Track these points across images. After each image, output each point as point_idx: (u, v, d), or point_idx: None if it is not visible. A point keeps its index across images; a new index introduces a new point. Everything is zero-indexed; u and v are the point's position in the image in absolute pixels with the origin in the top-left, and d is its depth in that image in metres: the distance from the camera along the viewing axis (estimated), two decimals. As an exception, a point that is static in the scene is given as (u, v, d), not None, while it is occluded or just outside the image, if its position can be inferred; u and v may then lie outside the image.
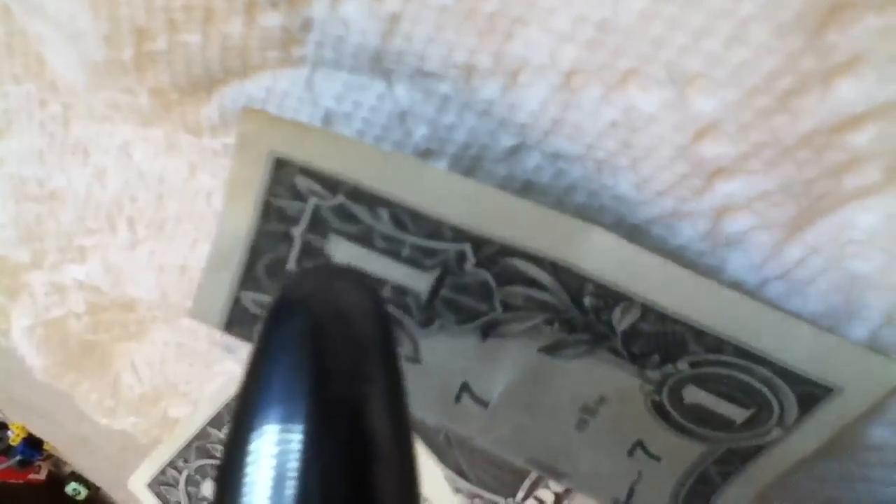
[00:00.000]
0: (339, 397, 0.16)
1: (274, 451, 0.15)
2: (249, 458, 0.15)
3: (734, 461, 0.24)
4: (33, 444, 0.88)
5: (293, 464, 0.15)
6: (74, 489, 0.92)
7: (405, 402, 0.17)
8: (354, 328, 0.18)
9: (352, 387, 0.16)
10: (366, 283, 0.19)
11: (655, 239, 0.22)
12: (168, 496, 0.44)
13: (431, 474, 0.36)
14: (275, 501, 0.15)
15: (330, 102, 0.23)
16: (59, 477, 0.96)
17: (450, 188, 0.21)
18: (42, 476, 0.95)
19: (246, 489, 0.15)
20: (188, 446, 0.43)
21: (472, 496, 0.36)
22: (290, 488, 0.15)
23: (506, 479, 0.35)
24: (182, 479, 0.44)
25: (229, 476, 0.16)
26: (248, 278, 0.25)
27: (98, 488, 0.92)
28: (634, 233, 0.22)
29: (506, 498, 0.35)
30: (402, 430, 0.17)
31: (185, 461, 0.43)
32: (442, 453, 0.35)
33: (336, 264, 0.23)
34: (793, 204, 0.19)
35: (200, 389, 0.44)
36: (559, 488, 0.34)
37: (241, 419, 0.16)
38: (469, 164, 0.23)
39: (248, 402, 0.16)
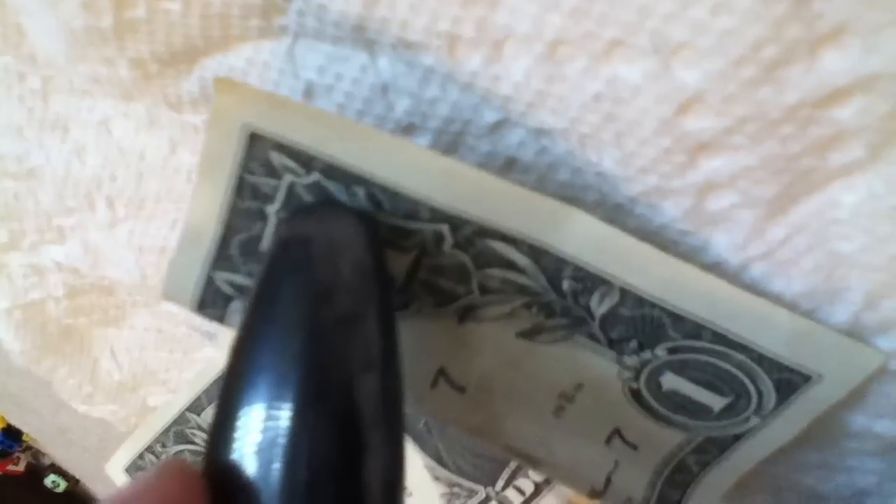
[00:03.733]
0: (330, 374, 0.16)
1: (261, 426, 0.15)
2: (237, 434, 0.15)
3: (712, 450, 0.24)
4: (12, 434, 0.88)
5: (281, 439, 0.15)
6: (54, 481, 0.92)
7: (400, 373, 0.18)
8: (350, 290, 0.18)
9: (346, 359, 0.17)
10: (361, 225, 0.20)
11: (638, 218, 0.22)
12: (145, 482, 0.44)
13: (411, 462, 0.35)
14: (261, 476, 0.15)
15: (311, 74, 0.23)
16: (38, 469, 0.95)
17: (428, 166, 0.21)
18: (21, 468, 0.94)
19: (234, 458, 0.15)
20: (166, 431, 0.42)
21: (452, 484, 0.35)
22: (277, 461, 0.15)
23: (486, 467, 0.35)
24: (159, 464, 0.43)
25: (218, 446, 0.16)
26: (221, 257, 0.24)
27: (77, 481, 0.91)
28: (618, 211, 0.22)
29: (485, 487, 0.35)
30: (392, 405, 0.17)
31: (164, 446, 0.43)
32: (422, 441, 0.35)
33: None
34: (776, 182, 0.19)
35: (180, 378, 0.44)
36: (539, 477, 0.34)
37: (232, 387, 0.16)
38: (451, 139, 0.23)
39: (240, 374, 0.17)
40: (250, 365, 0.17)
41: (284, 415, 0.15)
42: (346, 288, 0.18)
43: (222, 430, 0.16)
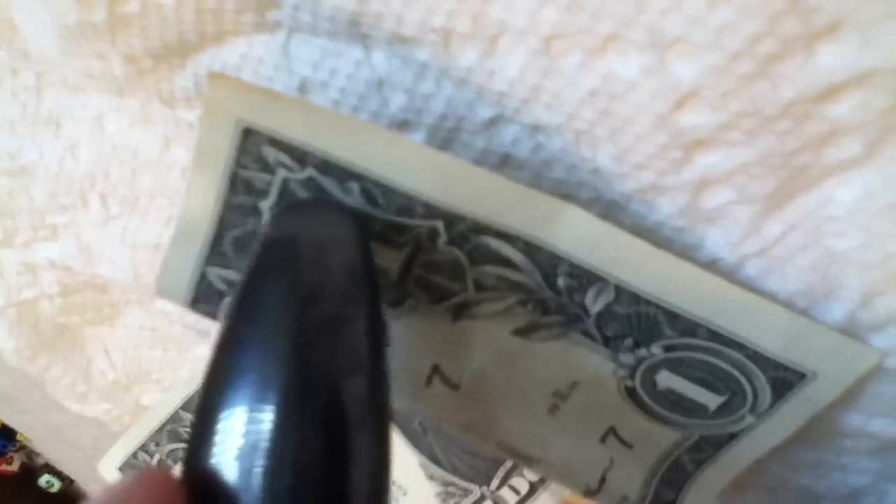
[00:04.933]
0: (315, 377, 0.16)
1: (243, 429, 0.15)
2: (217, 438, 0.15)
3: (707, 449, 0.24)
4: (6, 434, 0.87)
5: (263, 443, 0.14)
6: (48, 481, 0.91)
7: (387, 376, 0.17)
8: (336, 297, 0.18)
9: (330, 363, 0.16)
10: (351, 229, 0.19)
11: (634, 215, 0.21)
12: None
13: (406, 461, 0.35)
14: (243, 481, 0.14)
15: (306, 70, 0.23)
16: (33, 469, 0.95)
17: (423, 162, 0.20)
18: (15, 468, 0.94)
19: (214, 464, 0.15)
20: (160, 430, 0.42)
21: (447, 483, 0.35)
22: (259, 465, 0.14)
23: (480, 466, 0.34)
24: (154, 462, 0.43)
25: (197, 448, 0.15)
26: (214, 253, 0.24)
27: (71, 481, 0.91)
28: (613, 208, 0.22)
29: (480, 486, 0.35)
30: (378, 410, 0.17)
31: (157, 444, 0.42)
32: (416, 440, 0.35)
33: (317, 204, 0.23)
34: (772, 178, 0.19)
35: (174, 377, 0.43)
36: (534, 477, 0.34)
37: (213, 388, 0.16)
38: (446, 136, 0.23)
39: (222, 375, 0.16)
40: (233, 367, 0.16)
41: (267, 418, 0.15)
42: (334, 289, 0.18)
43: (203, 435, 0.15)
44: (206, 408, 0.16)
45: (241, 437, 0.15)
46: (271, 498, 0.14)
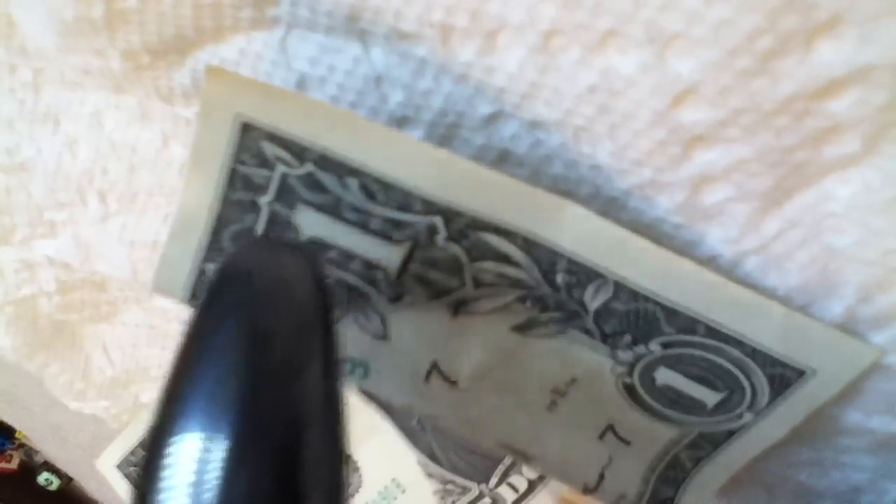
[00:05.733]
0: (269, 402, 0.15)
1: (195, 456, 0.14)
2: (167, 461, 0.15)
3: (705, 446, 0.24)
4: (4, 432, 0.87)
5: (214, 473, 0.14)
6: (47, 479, 0.91)
7: (343, 424, 0.17)
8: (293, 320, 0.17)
9: (285, 384, 0.16)
10: (307, 262, 0.18)
11: (633, 211, 0.21)
12: (137, 478, 0.44)
13: (404, 459, 0.35)
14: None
15: (304, 66, 0.23)
16: (32, 466, 0.94)
17: (422, 158, 0.20)
18: (14, 465, 0.94)
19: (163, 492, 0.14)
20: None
21: (445, 481, 0.35)
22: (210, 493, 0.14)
23: (479, 464, 0.34)
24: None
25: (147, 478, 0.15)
26: (212, 249, 0.24)
27: (70, 479, 0.91)
28: (612, 205, 0.22)
29: (479, 483, 0.35)
30: (333, 458, 0.16)
31: (154, 443, 0.42)
32: (415, 437, 0.35)
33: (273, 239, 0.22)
34: (771, 174, 0.19)
35: (172, 375, 0.43)
36: (533, 474, 0.34)
37: (164, 416, 0.16)
38: (445, 132, 0.22)
39: (172, 401, 0.16)
40: (183, 401, 0.15)
41: (217, 455, 0.14)
42: (288, 332, 0.17)
43: (153, 459, 0.15)
44: (156, 436, 0.15)
45: (191, 470, 0.14)
46: None
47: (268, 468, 0.15)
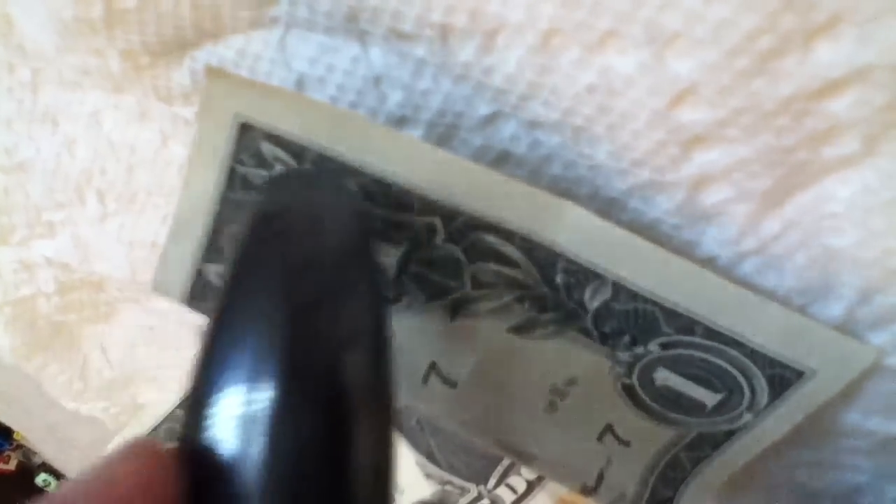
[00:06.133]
0: (314, 351, 0.15)
1: (240, 407, 0.14)
2: (212, 415, 0.14)
3: (704, 447, 0.24)
4: (3, 433, 0.87)
5: (262, 419, 0.14)
6: (45, 480, 0.91)
7: (390, 351, 0.17)
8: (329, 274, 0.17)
9: (331, 340, 0.16)
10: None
11: (632, 212, 0.21)
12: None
13: (403, 460, 0.35)
14: (240, 458, 0.14)
15: (303, 66, 0.23)
16: (30, 468, 0.95)
17: (420, 158, 0.20)
18: (12, 466, 0.94)
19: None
20: (157, 428, 0.42)
21: (444, 482, 0.35)
22: (258, 440, 0.14)
23: (477, 465, 0.34)
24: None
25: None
26: (211, 249, 0.24)
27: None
28: (611, 205, 0.22)
29: (477, 485, 0.35)
30: (381, 385, 0.16)
31: (154, 444, 0.42)
32: (414, 438, 0.35)
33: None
34: (770, 175, 0.19)
35: (171, 376, 0.43)
36: (531, 475, 0.34)
37: (207, 371, 0.15)
38: (444, 132, 0.22)
39: (215, 357, 0.16)
40: (228, 343, 0.15)
41: (264, 395, 0.14)
42: (330, 259, 0.17)
43: (197, 412, 0.15)
44: (200, 387, 0.15)
45: (237, 414, 0.14)
46: (272, 470, 0.13)
47: (316, 405, 0.14)
